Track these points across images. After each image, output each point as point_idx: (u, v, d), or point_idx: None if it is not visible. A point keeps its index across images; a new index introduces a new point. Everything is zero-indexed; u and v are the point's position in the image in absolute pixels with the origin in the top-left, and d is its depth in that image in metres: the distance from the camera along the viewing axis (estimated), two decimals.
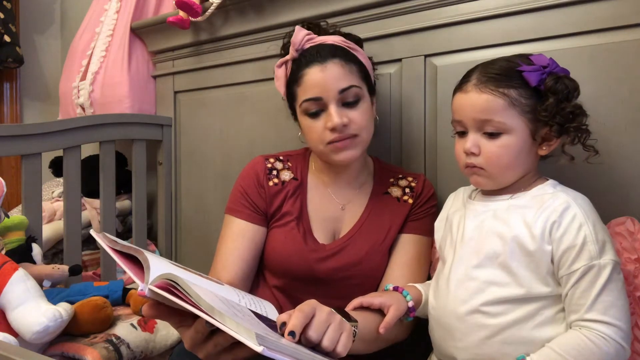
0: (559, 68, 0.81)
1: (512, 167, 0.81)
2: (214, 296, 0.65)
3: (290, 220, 1.04)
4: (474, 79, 0.82)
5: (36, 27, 2.38)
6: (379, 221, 1.03)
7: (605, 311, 0.72)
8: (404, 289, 0.91)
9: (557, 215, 0.76)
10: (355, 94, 0.96)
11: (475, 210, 0.86)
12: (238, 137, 1.55)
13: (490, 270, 0.80)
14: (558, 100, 0.78)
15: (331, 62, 0.95)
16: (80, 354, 1.07)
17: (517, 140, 0.79)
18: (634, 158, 0.91)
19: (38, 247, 1.27)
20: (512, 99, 0.78)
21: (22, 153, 1.34)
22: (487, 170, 0.82)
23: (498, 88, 0.79)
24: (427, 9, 1.14)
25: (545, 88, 0.78)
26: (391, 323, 0.84)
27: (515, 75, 0.79)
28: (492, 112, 0.79)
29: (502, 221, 0.81)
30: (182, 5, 1.46)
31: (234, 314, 0.62)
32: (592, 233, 0.74)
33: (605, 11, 0.93)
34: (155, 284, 0.63)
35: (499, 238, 0.79)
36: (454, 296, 0.82)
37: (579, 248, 0.74)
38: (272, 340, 0.55)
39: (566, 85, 0.79)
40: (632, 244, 0.83)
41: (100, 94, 1.75)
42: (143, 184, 1.67)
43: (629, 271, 0.82)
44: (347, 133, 0.95)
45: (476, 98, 0.80)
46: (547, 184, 0.83)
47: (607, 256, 0.74)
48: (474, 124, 0.81)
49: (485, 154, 0.81)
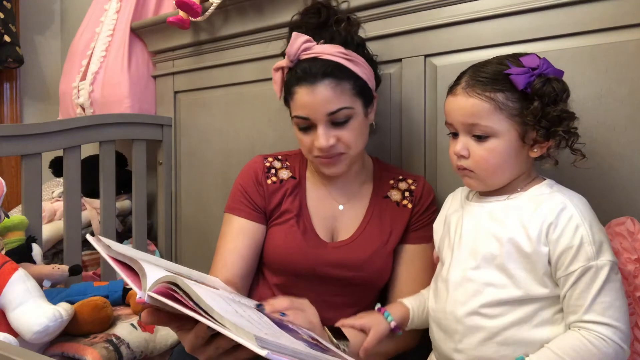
0: (550, 69, 0.79)
1: (501, 170, 0.81)
2: (215, 295, 0.65)
3: (290, 218, 1.04)
4: (463, 82, 0.82)
5: (36, 27, 2.38)
6: (381, 225, 1.04)
7: (603, 312, 0.72)
8: (386, 310, 0.92)
9: (553, 216, 0.75)
10: (345, 115, 0.95)
11: (472, 212, 0.85)
12: (238, 137, 1.55)
13: (487, 272, 0.79)
14: (544, 104, 0.77)
15: (321, 85, 0.93)
16: (80, 354, 1.07)
17: (505, 144, 0.79)
18: (634, 158, 0.91)
19: (38, 247, 1.27)
20: (498, 103, 0.78)
21: (22, 153, 1.34)
22: (476, 172, 0.82)
23: (485, 92, 0.79)
24: (427, 9, 1.14)
25: (532, 91, 0.78)
26: (370, 346, 0.86)
27: (503, 79, 0.79)
28: (478, 116, 0.79)
29: (498, 222, 0.80)
30: (182, 5, 1.46)
31: (234, 312, 0.62)
32: (589, 234, 0.74)
33: (605, 11, 0.93)
34: (154, 289, 0.62)
35: (495, 239, 0.79)
36: (453, 298, 0.82)
37: (576, 249, 0.73)
38: (273, 341, 0.55)
39: (553, 88, 0.78)
40: (632, 244, 0.83)
41: (100, 94, 1.75)
42: (143, 184, 1.67)
43: (629, 271, 0.82)
44: (333, 152, 0.97)
45: (464, 102, 0.80)
46: (544, 184, 0.82)
47: (605, 257, 0.73)
48: (462, 127, 0.82)
49: (474, 157, 0.81)
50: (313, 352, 0.62)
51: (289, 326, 0.74)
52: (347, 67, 0.95)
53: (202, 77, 1.64)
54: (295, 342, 0.63)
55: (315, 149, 0.97)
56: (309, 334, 0.75)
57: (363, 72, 0.98)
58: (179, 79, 1.71)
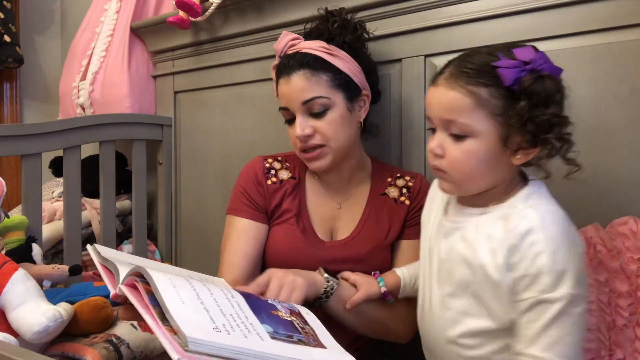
0: (546, 65, 0.70)
1: (477, 175, 0.73)
2: (183, 281, 0.65)
3: (290, 217, 1.05)
4: (447, 71, 0.74)
5: (36, 27, 2.38)
6: (379, 222, 1.04)
7: (549, 347, 0.66)
8: (379, 276, 0.94)
9: (517, 239, 0.69)
10: (321, 105, 0.97)
11: (447, 232, 0.80)
12: (238, 137, 1.55)
13: (463, 300, 0.76)
14: (532, 105, 0.68)
15: (296, 75, 0.97)
16: (80, 354, 1.07)
17: (482, 146, 0.71)
18: (634, 158, 0.91)
19: (38, 247, 1.27)
20: (480, 99, 0.69)
21: (22, 153, 1.34)
22: (450, 175, 0.74)
23: (467, 85, 0.70)
24: (427, 9, 1.14)
25: (519, 88, 0.68)
26: (357, 300, 0.89)
27: (490, 71, 0.70)
28: (457, 111, 0.71)
29: (469, 246, 0.74)
30: (182, 5, 1.46)
31: (195, 298, 0.63)
32: (549, 263, 0.66)
33: (605, 11, 0.93)
34: (125, 283, 0.65)
35: (467, 266, 0.74)
36: (435, 323, 0.81)
37: (532, 279, 0.68)
38: (208, 342, 0.56)
39: (545, 87, 0.68)
40: (635, 244, 0.82)
41: (100, 94, 1.75)
42: (143, 184, 1.67)
43: (632, 270, 0.81)
44: (313, 143, 0.98)
45: (444, 95, 0.72)
46: (520, 196, 0.74)
47: (563, 289, 0.66)
48: (440, 123, 0.74)
49: (449, 158, 0.73)
50: (260, 351, 0.60)
51: (267, 301, 0.75)
52: (326, 60, 0.98)
53: (202, 77, 1.64)
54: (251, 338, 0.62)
55: (297, 141, 0.99)
56: (291, 309, 0.76)
57: (346, 66, 1.00)
58: (179, 79, 1.71)
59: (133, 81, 1.72)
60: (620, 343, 0.82)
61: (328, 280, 0.90)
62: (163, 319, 0.58)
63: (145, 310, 0.60)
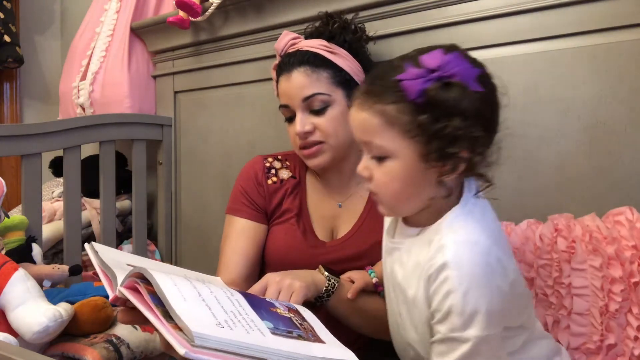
0: (458, 68, 0.63)
1: (404, 197, 0.69)
2: (183, 280, 0.65)
3: (290, 217, 1.05)
4: (360, 90, 0.70)
5: (36, 27, 2.38)
6: (379, 218, 1.03)
7: None
8: (370, 268, 0.96)
9: (433, 271, 0.66)
10: (321, 101, 0.98)
11: (389, 247, 0.79)
12: (238, 137, 1.55)
13: (410, 331, 0.75)
14: (433, 118, 0.63)
15: (296, 71, 0.98)
16: (80, 354, 1.07)
17: (402, 166, 0.67)
18: (634, 158, 0.91)
19: (38, 247, 1.27)
20: (389, 117, 0.65)
21: (22, 153, 1.34)
22: (380, 197, 0.71)
23: (375, 104, 0.66)
24: (427, 9, 1.14)
25: (424, 100, 0.63)
26: (356, 288, 0.91)
27: (395, 86, 0.65)
28: (370, 133, 0.67)
29: (404, 271, 0.73)
30: (182, 5, 1.46)
31: (196, 296, 0.63)
32: (459, 304, 0.63)
33: (605, 11, 0.93)
34: (124, 284, 0.64)
35: (403, 296, 0.74)
36: (395, 342, 0.83)
37: (443, 315, 0.65)
38: (214, 337, 0.56)
39: (449, 97, 0.62)
40: (630, 232, 0.83)
41: (100, 94, 1.75)
42: (143, 184, 1.67)
43: (626, 257, 0.82)
44: (312, 140, 0.99)
45: (357, 116, 0.69)
46: (447, 219, 0.69)
47: (472, 331, 0.63)
48: (362, 145, 0.71)
49: (375, 181, 0.70)
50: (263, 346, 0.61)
51: (265, 299, 0.75)
52: (326, 57, 0.99)
53: (202, 77, 1.64)
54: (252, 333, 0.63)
55: (297, 138, 1.00)
56: (289, 306, 0.76)
57: (346, 64, 1.01)
58: (179, 79, 1.71)
59: (133, 81, 1.72)
60: (613, 328, 0.83)
61: (329, 279, 0.90)
62: (166, 317, 0.58)
63: (148, 309, 0.60)
